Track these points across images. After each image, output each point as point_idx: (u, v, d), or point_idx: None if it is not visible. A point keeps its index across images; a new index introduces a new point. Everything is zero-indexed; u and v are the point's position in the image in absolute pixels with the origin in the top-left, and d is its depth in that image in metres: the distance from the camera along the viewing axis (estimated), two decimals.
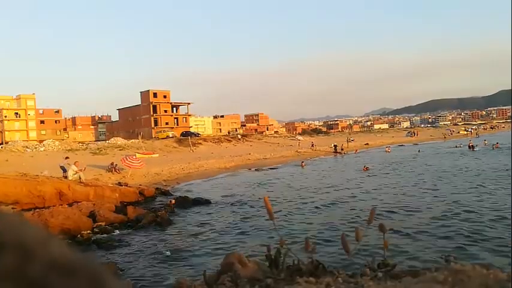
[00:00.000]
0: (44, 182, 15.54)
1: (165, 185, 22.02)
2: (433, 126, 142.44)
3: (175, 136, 59.68)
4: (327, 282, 1.34)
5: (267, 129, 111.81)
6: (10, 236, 0.46)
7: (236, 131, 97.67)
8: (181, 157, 38.23)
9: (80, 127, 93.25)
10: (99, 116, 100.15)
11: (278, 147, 52.62)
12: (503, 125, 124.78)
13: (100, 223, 12.60)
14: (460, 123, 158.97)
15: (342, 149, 47.31)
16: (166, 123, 75.88)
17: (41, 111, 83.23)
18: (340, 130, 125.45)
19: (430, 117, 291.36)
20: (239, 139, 59.10)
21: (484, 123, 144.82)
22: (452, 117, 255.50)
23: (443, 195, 15.98)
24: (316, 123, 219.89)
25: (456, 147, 44.18)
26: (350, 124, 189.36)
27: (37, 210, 13.04)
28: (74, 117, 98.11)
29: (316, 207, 14.79)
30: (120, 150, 40.29)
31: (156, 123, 75.12)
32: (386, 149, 46.11)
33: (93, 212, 13.27)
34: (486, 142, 40.92)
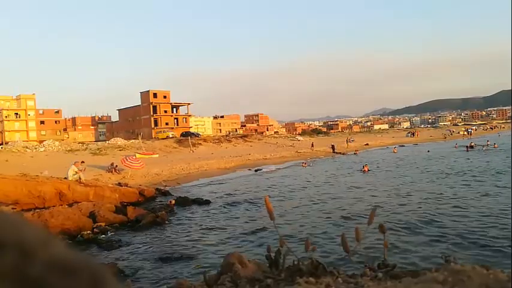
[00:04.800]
0: (44, 182, 15.54)
1: (165, 186, 21.98)
2: (433, 127, 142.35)
3: (175, 136, 59.63)
4: (327, 282, 1.34)
5: (267, 130, 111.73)
6: (10, 235, 0.46)
7: (236, 131, 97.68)
8: (181, 157, 38.21)
9: (80, 127, 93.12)
10: (99, 116, 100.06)
11: (278, 148, 52.59)
12: (503, 125, 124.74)
13: (100, 223, 12.59)
14: (460, 124, 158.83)
15: (356, 151, 47.20)
16: (166, 124, 75.82)
17: (41, 112, 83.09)
18: (340, 130, 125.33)
19: (430, 118, 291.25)
20: (231, 140, 58.75)
21: (484, 124, 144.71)
22: (453, 118, 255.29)
23: (446, 195, 15.98)
24: (316, 123, 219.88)
25: (455, 147, 44.25)
26: (350, 124, 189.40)
27: (37, 210, 13.04)
28: (74, 118, 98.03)
29: (317, 208, 14.79)
30: (120, 150, 40.27)
31: (156, 124, 75.06)
32: (394, 149, 45.89)
33: (93, 212, 13.27)
34: (489, 142, 41.50)
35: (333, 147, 47.97)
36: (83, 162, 19.79)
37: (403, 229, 10.90)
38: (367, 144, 60.19)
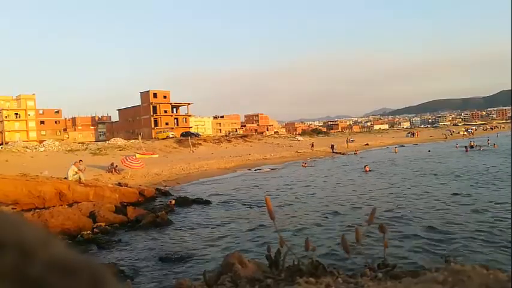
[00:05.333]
0: (44, 182, 15.54)
1: (165, 186, 21.99)
2: (433, 127, 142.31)
3: (175, 136, 59.63)
4: (327, 282, 1.34)
5: (267, 130, 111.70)
6: (10, 235, 0.46)
7: (236, 131, 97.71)
8: (181, 157, 38.20)
9: (80, 127, 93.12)
10: (99, 117, 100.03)
11: (278, 148, 52.58)
12: (503, 126, 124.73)
13: (100, 223, 12.59)
14: (460, 124, 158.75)
15: (356, 151, 47.22)
16: (166, 124, 75.82)
17: (41, 112, 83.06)
18: (340, 130, 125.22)
19: (430, 118, 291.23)
20: (231, 140, 58.62)
21: (484, 124, 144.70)
22: (453, 118, 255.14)
23: (444, 195, 15.99)
24: (316, 123, 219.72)
25: (456, 147, 44.26)
26: (350, 124, 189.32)
27: (37, 210, 13.04)
28: (74, 118, 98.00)
29: (317, 208, 14.78)
30: (120, 150, 40.27)
31: (156, 124, 75.07)
32: (395, 149, 45.80)
33: (93, 212, 13.27)
34: (489, 142, 41.78)
35: (332, 147, 47.94)
36: (81, 161, 19.71)
37: (403, 229, 10.90)
38: (367, 144, 60.16)
